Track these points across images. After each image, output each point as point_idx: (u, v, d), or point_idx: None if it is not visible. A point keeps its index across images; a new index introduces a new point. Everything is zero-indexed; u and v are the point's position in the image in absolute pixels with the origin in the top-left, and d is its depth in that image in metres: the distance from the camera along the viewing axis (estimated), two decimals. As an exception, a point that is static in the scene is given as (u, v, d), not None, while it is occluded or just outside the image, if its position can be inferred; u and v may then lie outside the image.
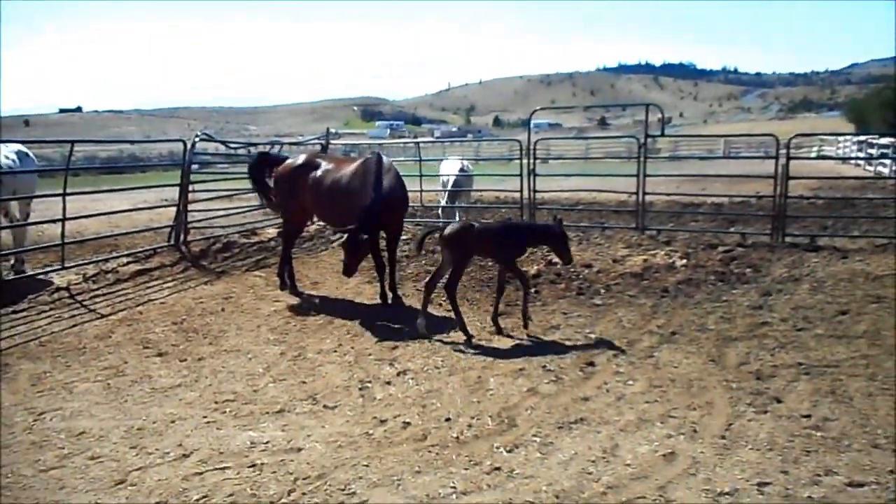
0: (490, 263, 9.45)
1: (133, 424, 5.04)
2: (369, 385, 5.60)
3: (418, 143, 18.69)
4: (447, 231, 6.94)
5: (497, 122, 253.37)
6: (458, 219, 14.03)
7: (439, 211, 13.82)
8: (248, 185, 10.29)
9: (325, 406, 5.25)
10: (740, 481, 3.98)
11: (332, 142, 16.85)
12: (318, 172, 8.32)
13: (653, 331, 6.89)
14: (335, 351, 6.53)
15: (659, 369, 5.82)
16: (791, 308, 7.49)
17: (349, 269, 7.65)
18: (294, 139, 28.37)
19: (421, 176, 14.79)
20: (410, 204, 9.72)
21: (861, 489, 3.86)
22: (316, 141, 16.04)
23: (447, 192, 13.58)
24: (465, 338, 6.72)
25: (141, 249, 10.88)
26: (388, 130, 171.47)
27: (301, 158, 8.65)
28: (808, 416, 4.75)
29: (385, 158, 8.11)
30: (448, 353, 6.32)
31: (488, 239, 6.86)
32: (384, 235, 8.49)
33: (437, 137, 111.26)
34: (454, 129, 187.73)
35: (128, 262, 10.23)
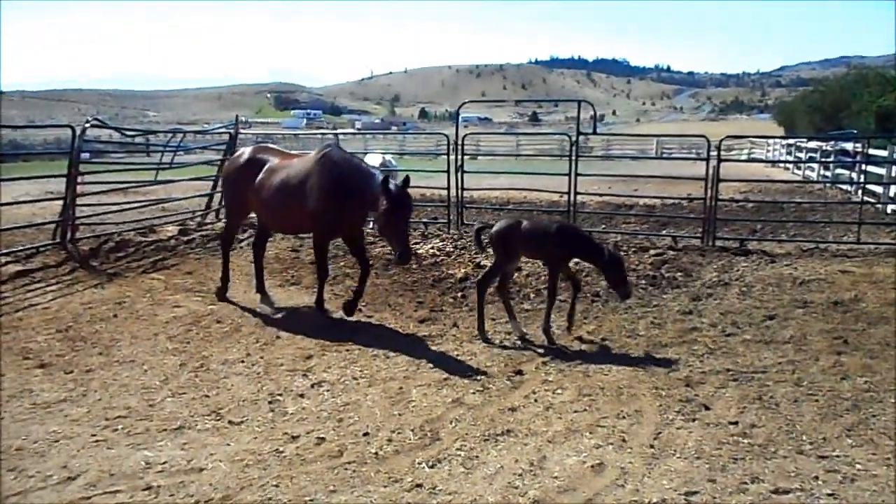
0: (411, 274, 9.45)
1: (11, 444, 4.77)
2: (280, 398, 5.51)
3: (337, 134, 18.53)
4: (495, 229, 7.10)
5: (423, 114, 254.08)
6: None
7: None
8: (144, 177, 9.96)
9: (230, 422, 5.12)
10: (668, 491, 4.13)
11: (242, 131, 16.47)
12: (265, 171, 7.80)
13: (583, 337, 7.07)
14: (242, 361, 6.38)
15: (589, 377, 5.98)
16: (720, 313, 7.85)
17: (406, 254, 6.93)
18: (199, 128, 27.52)
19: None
20: None
21: (787, 496, 4.08)
22: (224, 130, 15.63)
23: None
24: (479, 337, 6.96)
25: (21, 248, 10.35)
26: (305, 120, 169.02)
27: (245, 154, 8.16)
28: (736, 423, 4.98)
29: (343, 152, 7.60)
30: (367, 363, 6.29)
31: (536, 238, 6.91)
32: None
33: (359, 129, 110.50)
34: (377, 121, 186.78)
35: (6, 263, 9.69)
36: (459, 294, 8.79)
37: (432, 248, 11.07)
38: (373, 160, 13.95)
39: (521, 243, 6.95)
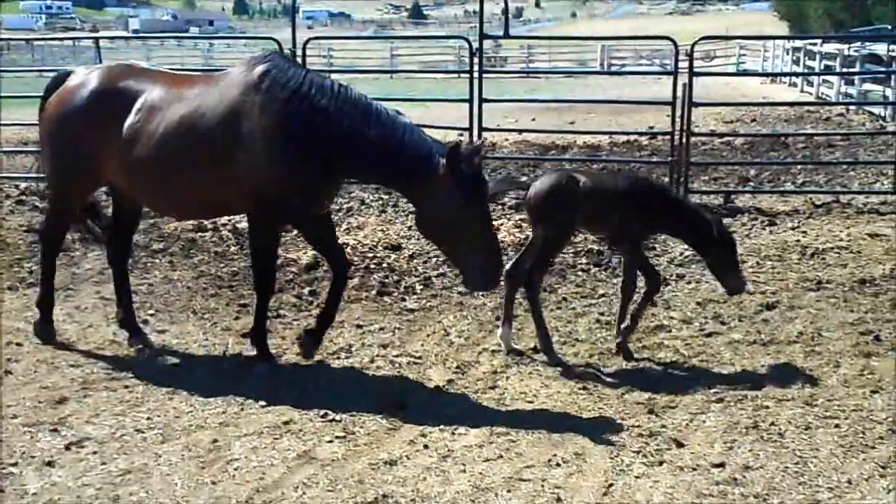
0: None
1: None
2: (15, 471, 5.33)
3: (98, 40, 17.87)
4: (535, 188, 6.90)
5: (242, 7, 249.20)
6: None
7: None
8: None
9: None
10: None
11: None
12: (141, 110, 6.94)
13: (496, 347, 7.20)
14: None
15: (505, 406, 6.11)
16: (696, 303, 8.19)
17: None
18: None
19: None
20: None
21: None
22: None
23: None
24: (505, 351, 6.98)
25: None
26: (42, 18, 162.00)
27: (93, 81, 7.25)
28: (722, 465, 5.19)
29: (300, 68, 7.03)
30: (160, 406, 6.19)
31: (604, 201, 6.84)
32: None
33: (135, 32, 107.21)
34: (166, 18, 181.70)
35: None
36: (306, 290, 8.78)
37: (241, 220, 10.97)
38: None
39: (582, 209, 6.88)
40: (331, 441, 5.62)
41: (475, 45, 12.65)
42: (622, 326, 7.05)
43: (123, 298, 7.57)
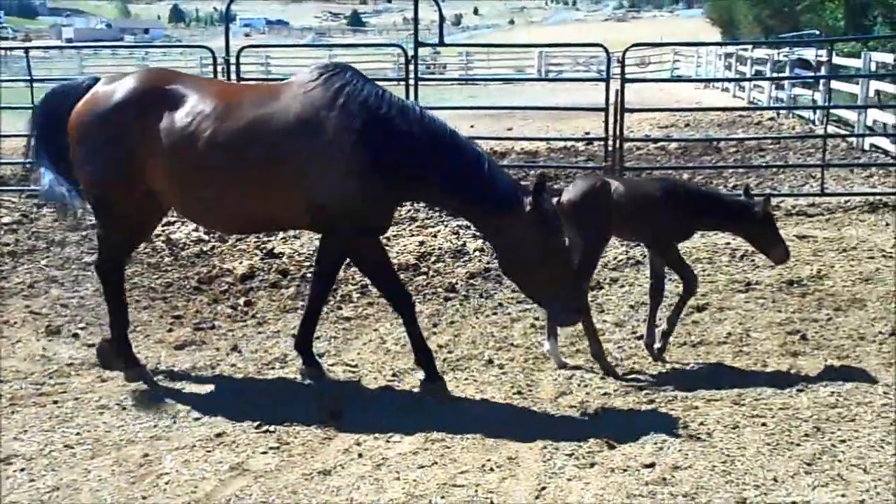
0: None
1: None
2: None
3: (28, 50, 17.62)
4: (569, 194, 6.80)
5: (178, 15, 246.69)
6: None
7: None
8: None
9: None
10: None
11: None
12: (189, 114, 6.55)
13: (433, 352, 7.22)
14: None
15: (440, 413, 6.13)
16: (629, 306, 8.32)
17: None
18: None
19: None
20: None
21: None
22: None
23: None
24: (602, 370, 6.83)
25: None
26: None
27: (134, 79, 6.84)
28: (652, 466, 5.28)
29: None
30: (90, 420, 6.13)
31: (639, 206, 6.80)
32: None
33: (69, 41, 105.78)
34: (100, 27, 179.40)
35: None
36: (241, 300, 8.74)
37: (196, 229, 10.90)
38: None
39: (616, 215, 6.85)
40: (265, 452, 5.60)
41: (410, 52, 12.69)
42: (661, 331, 7.07)
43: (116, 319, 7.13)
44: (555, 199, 6.73)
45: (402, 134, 6.29)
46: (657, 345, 7.06)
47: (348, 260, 7.30)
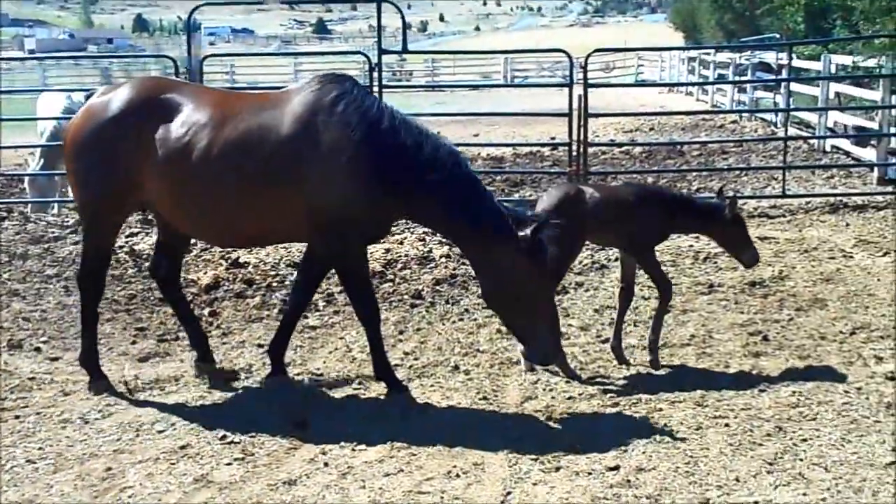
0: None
1: None
2: None
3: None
4: (543, 202, 6.87)
5: (142, 24, 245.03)
6: (67, 194, 13.62)
7: (26, 183, 13.28)
8: None
9: None
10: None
11: None
12: (186, 124, 6.49)
13: (399, 360, 7.27)
14: None
15: (406, 420, 6.15)
16: (594, 310, 8.40)
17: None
18: None
19: (-1, 121, 14.08)
20: None
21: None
22: None
23: (40, 151, 13.03)
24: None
25: None
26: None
27: (128, 89, 6.79)
28: (616, 469, 5.32)
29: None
30: (52, 434, 6.08)
31: (613, 212, 6.83)
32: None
33: (31, 52, 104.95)
34: (63, 37, 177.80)
35: None
36: (206, 311, 8.73)
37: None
38: (52, 103, 13.50)
39: (592, 222, 6.90)
40: (229, 464, 5.58)
41: (374, 60, 12.71)
42: (649, 341, 7.09)
43: (190, 323, 7.29)
44: (529, 208, 6.87)
45: (400, 147, 6.28)
46: (649, 357, 7.08)
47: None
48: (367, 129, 6.27)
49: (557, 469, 5.36)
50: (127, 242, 10.87)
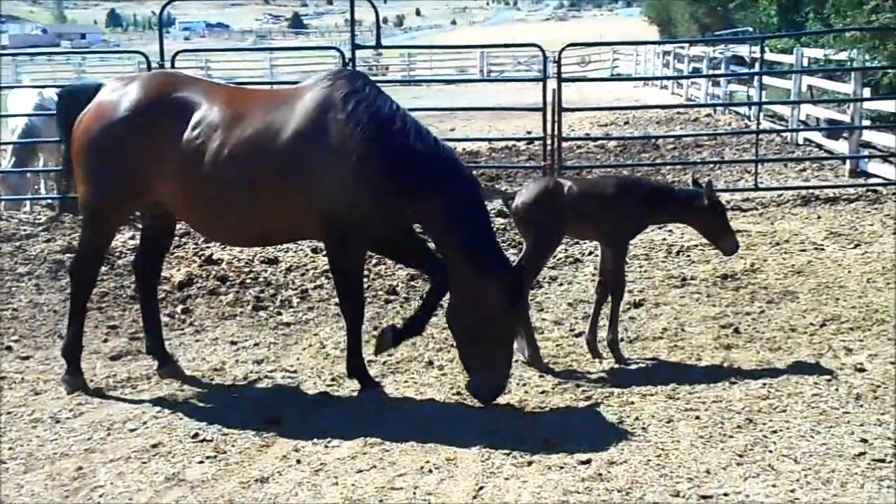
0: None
1: None
2: None
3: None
4: (521, 196, 6.87)
5: (115, 19, 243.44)
6: (40, 191, 13.56)
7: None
8: None
9: None
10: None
11: None
12: (199, 124, 6.44)
13: (372, 357, 7.23)
14: None
15: (380, 416, 6.15)
16: (567, 304, 8.42)
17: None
18: None
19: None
20: None
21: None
22: None
23: (11, 149, 12.94)
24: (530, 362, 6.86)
25: None
26: None
27: (140, 86, 6.71)
28: (588, 463, 5.34)
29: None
30: (23, 434, 6.05)
31: (592, 205, 6.83)
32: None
33: (3, 47, 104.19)
34: (36, 33, 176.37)
35: None
36: (179, 308, 8.70)
37: (133, 237, 10.82)
38: (22, 100, 13.42)
39: (570, 215, 6.89)
40: (201, 462, 5.57)
41: (348, 54, 12.71)
42: (608, 339, 7.06)
43: (153, 326, 7.17)
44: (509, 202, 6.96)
45: (411, 149, 6.28)
46: (613, 355, 7.07)
47: (287, 266, 7.28)
48: (378, 128, 6.26)
49: (530, 463, 5.38)
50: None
